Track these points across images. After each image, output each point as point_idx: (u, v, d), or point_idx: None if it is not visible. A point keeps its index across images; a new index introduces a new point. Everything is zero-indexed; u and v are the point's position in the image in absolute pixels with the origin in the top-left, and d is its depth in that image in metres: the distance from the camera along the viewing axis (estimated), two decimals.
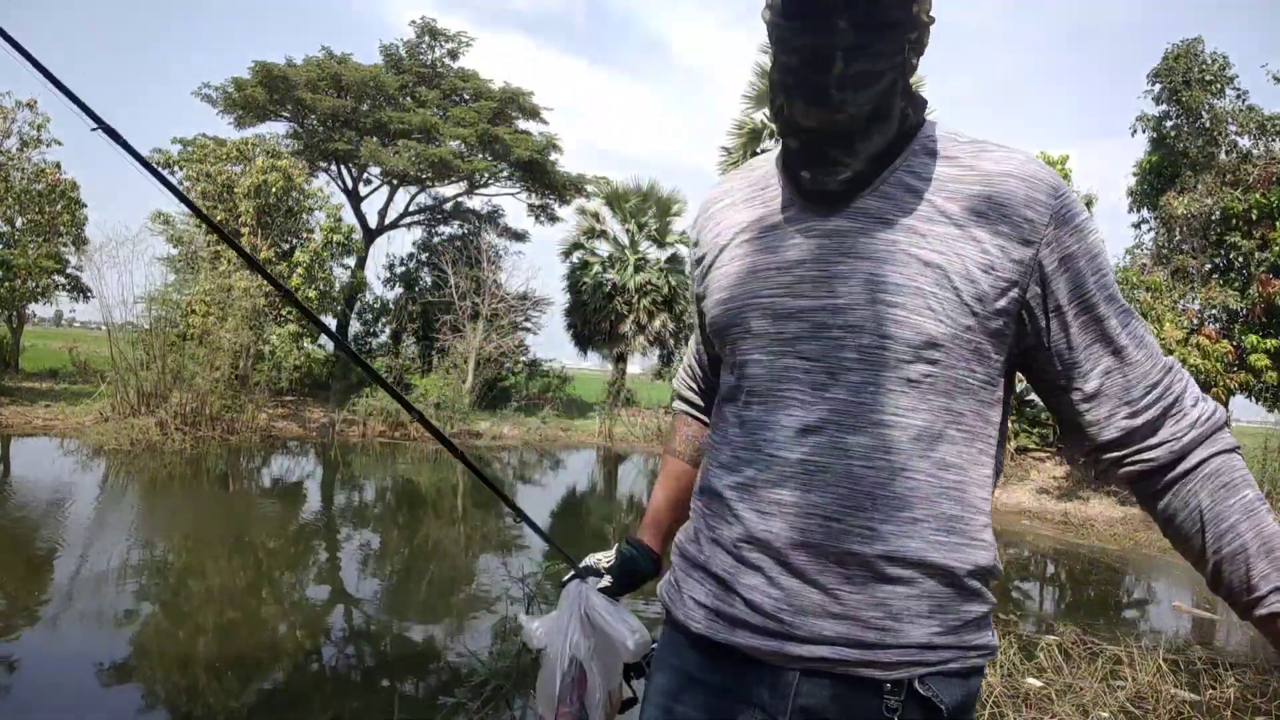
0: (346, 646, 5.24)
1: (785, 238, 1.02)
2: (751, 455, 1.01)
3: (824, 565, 0.94)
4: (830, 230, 0.98)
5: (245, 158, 18.77)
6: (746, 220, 1.08)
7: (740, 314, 1.03)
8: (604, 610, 1.27)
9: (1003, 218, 0.94)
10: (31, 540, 7.17)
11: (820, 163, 0.97)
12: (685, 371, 1.39)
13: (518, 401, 21.75)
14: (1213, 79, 15.61)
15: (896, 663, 0.93)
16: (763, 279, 1.02)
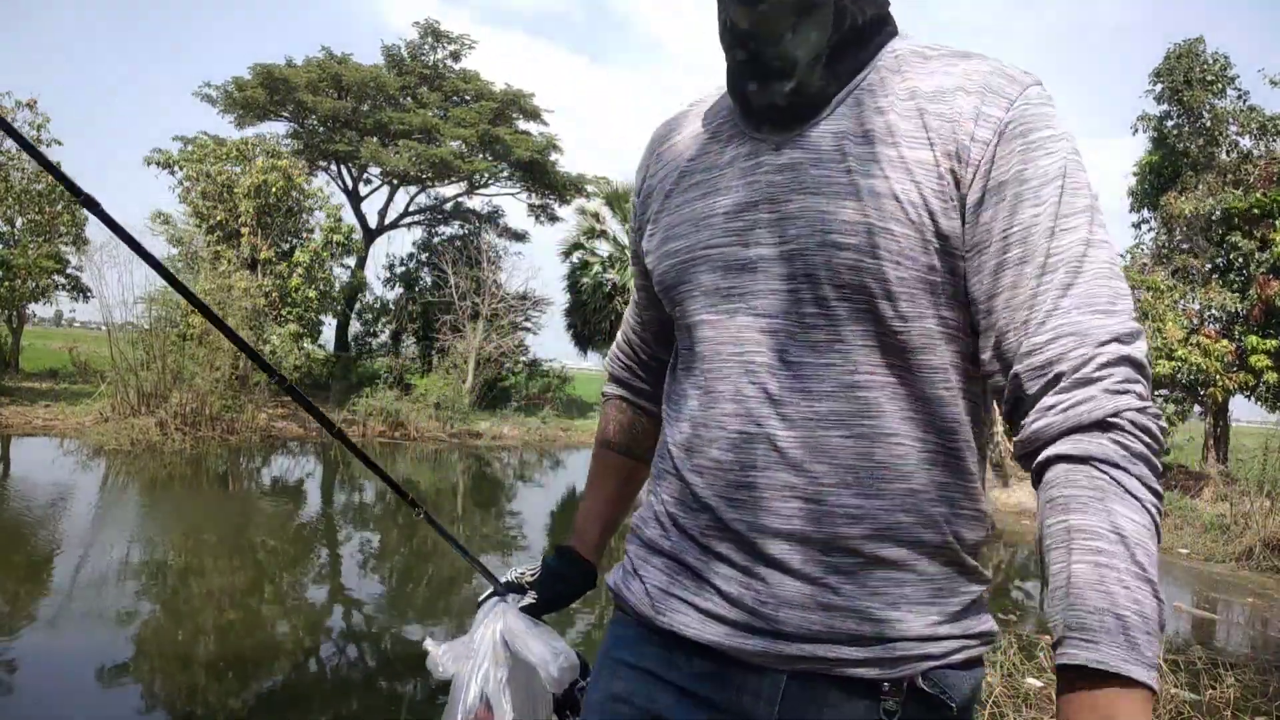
0: (346, 646, 5.24)
1: (737, 177, 0.90)
2: (712, 432, 0.88)
3: (807, 554, 0.83)
4: (783, 165, 0.87)
5: (245, 157, 18.78)
6: (695, 159, 0.96)
7: (688, 268, 0.91)
8: (523, 633, 1.09)
9: (954, 137, 0.82)
10: (32, 540, 7.17)
11: (762, 73, 0.88)
12: (619, 349, 1.21)
13: (518, 401, 21.75)
14: (1214, 79, 15.62)
15: (899, 658, 0.82)
16: (712, 226, 0.90)
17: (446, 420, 18.17)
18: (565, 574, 1.16)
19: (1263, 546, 9.51)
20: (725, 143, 0.94)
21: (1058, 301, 0.77)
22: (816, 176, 0.85)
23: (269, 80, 22.36)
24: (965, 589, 0.87)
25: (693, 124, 1.00)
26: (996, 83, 0.83)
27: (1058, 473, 0.75)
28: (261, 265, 17.83)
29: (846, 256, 0.82)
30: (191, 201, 18.34)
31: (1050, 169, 0.80)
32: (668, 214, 0.96)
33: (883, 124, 0.84)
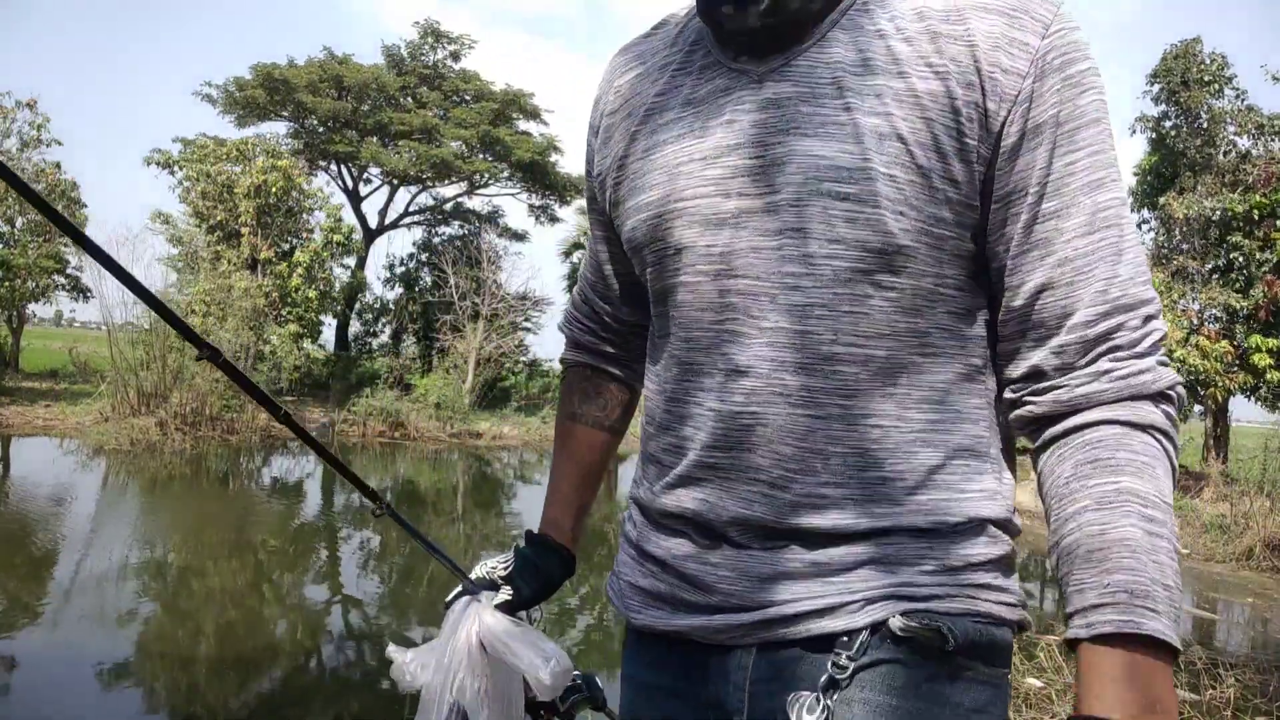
0: (347, 646, 5.24)
1: (714, 115, 0.79)
2: (685, 408, 0.82)
3: (767, 535, 0.77)
4: (765, 100, 0.76)
5: (245, 158, 18.79)
6: (664, 95, 0.84)
7: (662, 223, 0.81)
8: (504, 634, 0.96)
9: (976, 66, 0.71)
10: (32, 540, 7.17)
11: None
12: (577, 310, 1.08)
13: (518, 401, 21.75)
14: (1211, 79, 15.63)
15: (863, 600, 0.74)
16: (688, 175, 0.79)
17: (446, 420, 18.18)
18: (542, 564, 1.02)
19: (1263, 546, 9.52)
20: (698, 74, 0.82)
21: (1114, 269, 0.70)
22: (807, 114, 0.74)
23: (269, 80, 22.37)
24: (964, 552, 0.76)
25: (658, 50, 0.88)
26: (1029, 4, 0.72)
27: (1109, 434, 0.69)
28: (261, 265, 17.84)
29: (843, 208, 0.72)
30: (191, 201, 18.35)
31: (1089, 109, 0.72)
32: (635, 159, 0.84)
33: (885, 50, 0.74)
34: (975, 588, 0.76)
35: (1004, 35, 0.71)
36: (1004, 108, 0.71)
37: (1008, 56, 0.71)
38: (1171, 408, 0.71)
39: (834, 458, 0.75)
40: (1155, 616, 0.63)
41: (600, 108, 0.92)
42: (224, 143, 19.78)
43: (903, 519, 0.76)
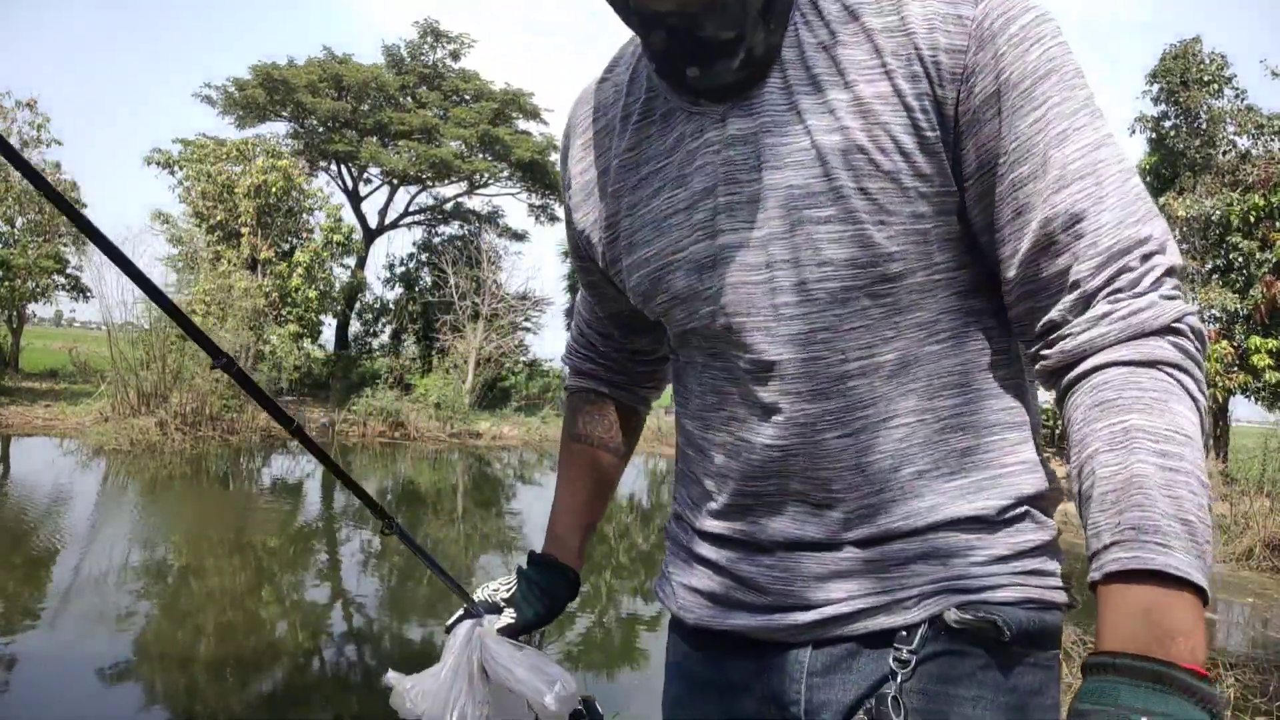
0: (347, 646, 5.25)
1: (687, 163, 0.79)
2: (719, 436, 0.84)
3: (819, 546, 0.80)
4: (731, 138, 0.76)
5: (245, 158, 18.79)
6: (635, 149, 0.83)
7: (661, 277, 0.82)
8: (508, 660, 0.94)
9: (917, 55, 0.70)
10: (32, 540, 7.17)
11: (703, 51, 0.73)
12: (578, 344, 1.10)
13: (518, 401, 21.76)
14: (1211, 79, 15.64)
15: (918, 596, 0.76)
16: (676, 226, 0.80)
17: (446, 420, 18.18)
18: (546, 585, 1.02)
19: (1263, 546, 9.52)
20: (661, 122, 0.82)
21: (1098, 218, 0.68)
22: (772, 145, 0.74)
23: (269, 80, 22.37)
24: (1012, 540, 0.78)
25: (615, 100, 0.86)
26: None
27: (1114, 375, 0.67)
28: (262, 265, 17.84)
29: (826, 230, 0.73)
30: (192, 202, 18.35)
31: (1040, 62, 0.69)
32: (624, 216, 0.85)
33: (828, 62, 0.73)
34: (1026, 574, 0.78)
35: (938, 13, 0.69)
36: (953, 89, 0.70)
37: (945, 35, 0.69)
38: (1184, 339, 0.68)
39: (870, 468, 0.77)
40: (1167, 551, 0.60)
41: (570, 166, 0.91)
42: (224, 143, 19.79)
43: (948, 509, 0.77)
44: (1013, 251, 0.72)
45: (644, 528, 10.56)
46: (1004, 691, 0.75)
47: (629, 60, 0.87)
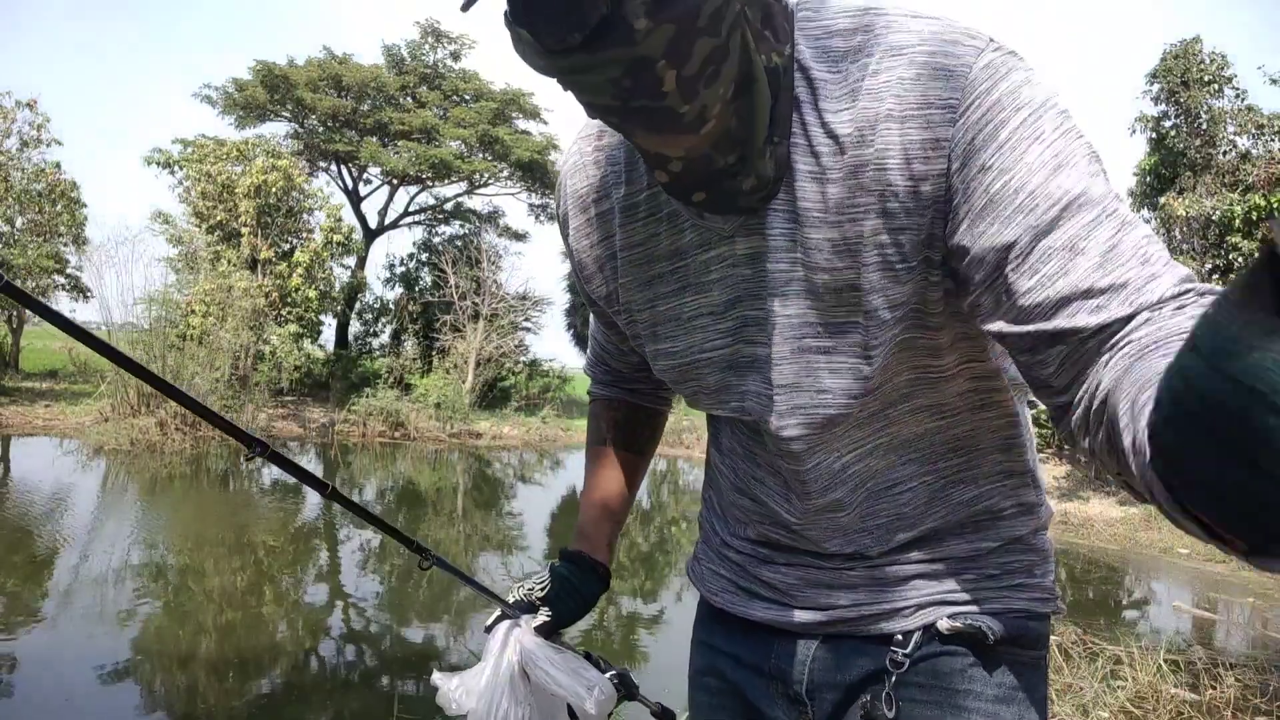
0: (346, 646, 5.25)
1: (703, 271, 0.80)
2: (744, 489, 0.94)
3: (832, 570, 0.90)
4: (742, 258, 0.77)
5: (245, 158, 18.79)
6: (643, 243, 0.83)
7: (692, 370, 0.86)
8: (547, 661, 0.97)
9: (893, 191, 0.68)
10: (32, 540, 7.17)
11: (714, 181, 0.71)
12: (599, 364, 1.13)
13: (518, 401, 21.75)
14: (1211, 79, 15.64)
15: (915, 606, 0.87)
16: (703, 329, 0.83)
17: (447, 420, 18.18)
18: (579, 582, 1.06)
19: None
20: (669, 222, 0.81)
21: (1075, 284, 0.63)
22: (773, 273, 0.76)
23: (269, 80, 22.36)
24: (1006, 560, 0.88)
25: (615, 183, 0.84)
26: (931, 91, 0.66)
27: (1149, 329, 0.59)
28: (261, 265, 17.84)
29: (825, 361, 0.76)
30: (192, 202, 18.35)
31: (1035, 160, 0.64)
32: (641, 308, 0.87)
33: (816, 195, 0.72)
34: (1013, 589, 0.87)
35: (914, 141, 0.66)
36: (938, 214, 0.68)
37: (923, 163, 0.67)
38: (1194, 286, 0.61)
39: (877, 528, 0.87)
40: None
41: (572, 238, 0.90)
42: (224, 143, 19.78)
43: (949, 548, 0.87)
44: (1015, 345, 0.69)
45: (643, 528, 10.56)
46: (992, 685, 0.85)
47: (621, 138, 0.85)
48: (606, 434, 1.13)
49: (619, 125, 0.66)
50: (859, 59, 0.69)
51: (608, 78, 0.60)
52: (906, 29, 0.68)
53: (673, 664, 5.25)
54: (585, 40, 0.57)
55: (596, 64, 0.58)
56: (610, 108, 0.63)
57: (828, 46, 0.70)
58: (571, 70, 0.60)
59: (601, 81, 0.60)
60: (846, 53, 0.70)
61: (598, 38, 0.57)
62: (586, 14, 0.56)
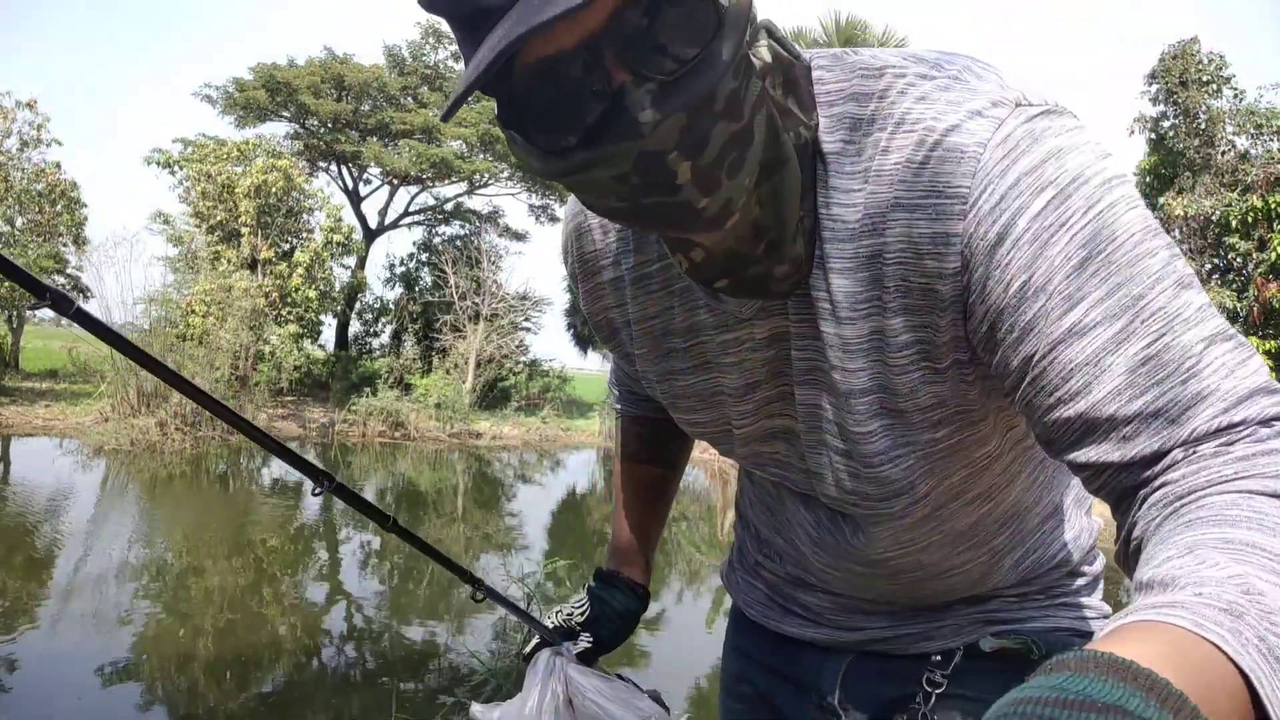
0: (346, 646, 5.26)
1: (719, 353, 0.74)
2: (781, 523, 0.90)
3: (869, 600, 0.89)
4: (761, 342, 0.72)
5: (246, 158, 18.79)
6: (655, 316, 0.78)
7: (720, 437, 0.82)
8: (597, 694, 0.92)
9: (906, 287, 0.61)
10: (32, 540, 7.18)
11: (740, 268, 0.65)
12: (623, 385, 1.08)
13: (518, 401, 21.75)
14: (1209, 79, 15.66)
15: (954, 626, 0.85)
16: (728, 406, 0.78)
17: (447, 420, 18.18)
18: (619, 604, 1.03)
19: None
20: (682, 298, 0.75)
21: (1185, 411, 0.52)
22: (797, 362, 0.70)
23: (270, 80, 22.36)
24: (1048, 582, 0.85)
25: (624, 251, 0.78)
26: (940, 176, 0.57)
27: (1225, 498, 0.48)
28: (261, 265, 17.84)
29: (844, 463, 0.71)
30: (192, 202, 18.35)
31: (1059, 253, 0.54)
32: (660, 379, 0.82)
33: (826, 290, 0.65)
34: (1057, 607, 0.85)
35: (923, 235, 0.58)
36: (958, 315, 0.60)
37: (935, 259, 0.58)
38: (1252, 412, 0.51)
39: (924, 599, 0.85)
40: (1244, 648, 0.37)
41: (582, 295, 0.85)
42: (224, 143, 19.79)
43: (993, 584, 0.84)
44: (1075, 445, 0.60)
45: None
46: None
47: None
48: (636, 449, 1.08)
49: (630, 224, 0.61)
50: (872, 132, 0.61)
51: (612, 175, 0.54)
52: (920, 95, 0.59)
53: (673, 664, 5.26)
54: (583, 139, 0.53)
55: (599, 161, 0.53)
56: (618, 209, 0.58)
57: (842, 113, 0.62)
58: (571, 171, 0.55)
59: (606, 181, 0.55)
60: (860, 121, 0.62)
61: (599, 133, 0.52)
62: (581, 111, 0.52)
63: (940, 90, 0.59)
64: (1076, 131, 0.56)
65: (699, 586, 7.40)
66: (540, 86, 0.52)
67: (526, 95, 0.53)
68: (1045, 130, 0.56)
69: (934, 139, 0.57)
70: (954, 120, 0.57)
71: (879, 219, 0.60)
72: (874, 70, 0.62)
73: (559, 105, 0.52)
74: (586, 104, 0.52)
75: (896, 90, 0.60)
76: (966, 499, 0.75)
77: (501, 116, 0.56)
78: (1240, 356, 0.52)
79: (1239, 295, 14.65)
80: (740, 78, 0.54)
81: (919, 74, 0.60)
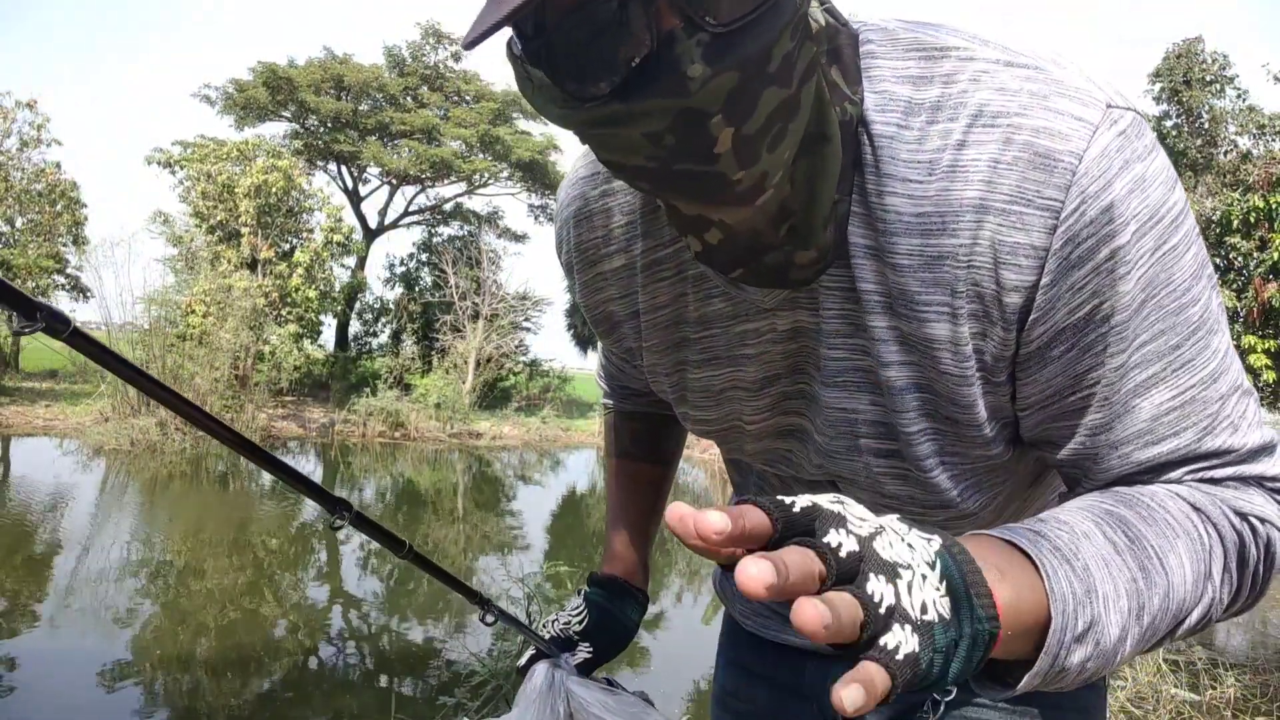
0: (346, 646, 5.25)
1: (735, 345, 0.70)
2: None
3: None
4: (782, 334, 0.67)
5: (246, 158, 18.80)
6: (665, 305, 0.73)
7: (730, 434, 0.79)
8: (602, 707, 0.87)
9: (978, 292, 0.57)
10: (32, 540, 7.17)
11: (757, 255, 0.60)
12: (613, 380, 1.03)
13: (518, 402, 21.75)
14: (1213, 79, 15.65)
15: None
16: (740, 402, 0.74)
17: (447, 420, 18.18)
18: (617, 610, 0.98)
19: None
20: (695, 284, 0.70)
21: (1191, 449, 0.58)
22: (828, 361, 0.65)
23: (270, 80, 22.37)
24: None
25: (632, 239, 0.72)
26: (1030, 183, 0.53)
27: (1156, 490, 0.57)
28: (261, 265, 17.84)
29: (888, 466, 0.68)
30: (192, 202, 18.35)
31: (1135, 291, 0.54)
32: (666, 371, 0.77)
33: (879, 278, 0.60)
34: None
35: (1004, 243, 0.55)
36: (1017, 329, 0.58)
37: (1013, 271, 0.55)
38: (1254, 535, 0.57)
39: None
40: (1059, 572, 0.46)
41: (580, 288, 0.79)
42: (224, 143, 19.79)
43: None
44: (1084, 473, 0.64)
45: None
46: (1049, 708, 0.80)
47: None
48: (630, 447, 1.04)
49: (651, 190, 0.55)
50: (937, 119, 0.56)
51: (645, 132, 0.49)
52: (1000, 85, 0.54)
53: (672, 664, 5.25)
54: (618, 88, 0.47)
55: (633, 116, 0.48)
56: (643, 170, 0.52)
57: (895, 94, 0.57)
58: (599, 123, 0.49)
59: (636, 138, 0.49)
60: (920, 106, 0.57)
61: (639, 84, 0.47)
62: (621, 54, 0.46)
63: (1023, 81, 0.54)
64: (1155, 154, 0.55)
65: (699, 586, 7.39)
66: (579, 21, 0.46)
67: (559, 29, 0.47)
68: (1134, 153, 0.53)
69: (1023, 139, 0.53)
70: (1044, 121, 0.53)
71: (952, 218, 0.56)
72: (936, 50, 0.57)
73: (596, 46, 0.46)
74: (629, 47, 0.46)
75: (967, 76, 0.56)
76: (1005, 510, 0.74)
77: (520, 49, 0.49)
78: (1249, 414, 0.59)
79: (1239, 295, 14.65)
80: (796, 39, 0.49)
81: (992, 59, 0.56)
